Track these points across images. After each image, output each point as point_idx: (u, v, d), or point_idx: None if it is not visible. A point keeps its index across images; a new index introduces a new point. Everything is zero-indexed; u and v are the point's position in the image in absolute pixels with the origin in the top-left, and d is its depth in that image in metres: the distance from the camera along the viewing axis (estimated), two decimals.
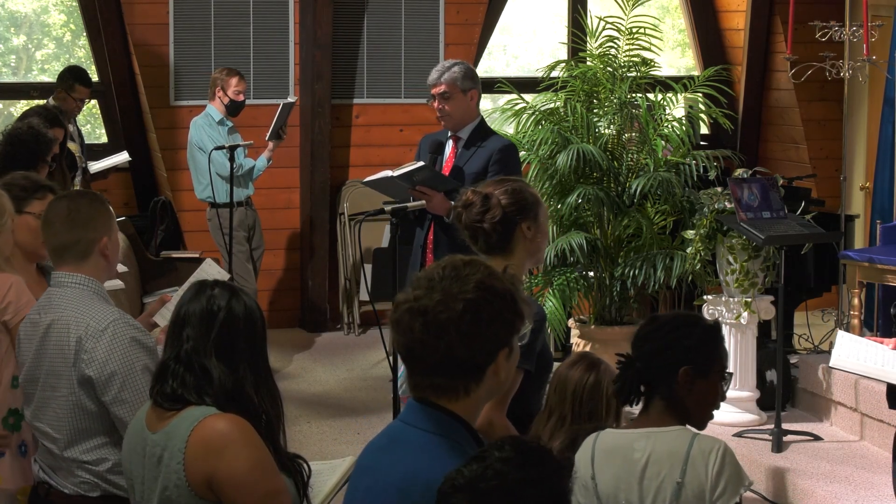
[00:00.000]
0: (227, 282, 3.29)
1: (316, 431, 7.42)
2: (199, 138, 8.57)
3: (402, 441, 2.51)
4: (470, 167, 6.13)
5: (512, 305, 2.55)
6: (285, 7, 9.59)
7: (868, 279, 7.24)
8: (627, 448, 3.36)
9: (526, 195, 3.94)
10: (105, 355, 3.62)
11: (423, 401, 2.53)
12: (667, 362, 3.35)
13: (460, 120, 6.22)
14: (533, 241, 3.94)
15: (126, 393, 3.61)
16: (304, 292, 9.76)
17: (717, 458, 3.31)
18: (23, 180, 4.60)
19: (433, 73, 6.27)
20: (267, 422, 3.17)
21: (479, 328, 2.49)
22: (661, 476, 3.31)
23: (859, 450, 6.71)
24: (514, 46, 11.56)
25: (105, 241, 3.82)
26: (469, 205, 3.93)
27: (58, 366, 3.71)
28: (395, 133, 9.88)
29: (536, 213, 3.94)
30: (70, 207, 3.84)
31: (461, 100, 6.19)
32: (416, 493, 2.39)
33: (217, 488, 3.07)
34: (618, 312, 7.37)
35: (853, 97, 8.80)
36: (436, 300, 2.50)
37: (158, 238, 9.47)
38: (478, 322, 2.49)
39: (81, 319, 3.67)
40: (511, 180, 4.02)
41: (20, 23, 10.50)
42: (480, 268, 2.57)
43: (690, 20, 10.90)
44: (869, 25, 7.56)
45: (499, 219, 3.88)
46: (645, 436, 3.37)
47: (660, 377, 3.37)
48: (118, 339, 3.63)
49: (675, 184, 7.19)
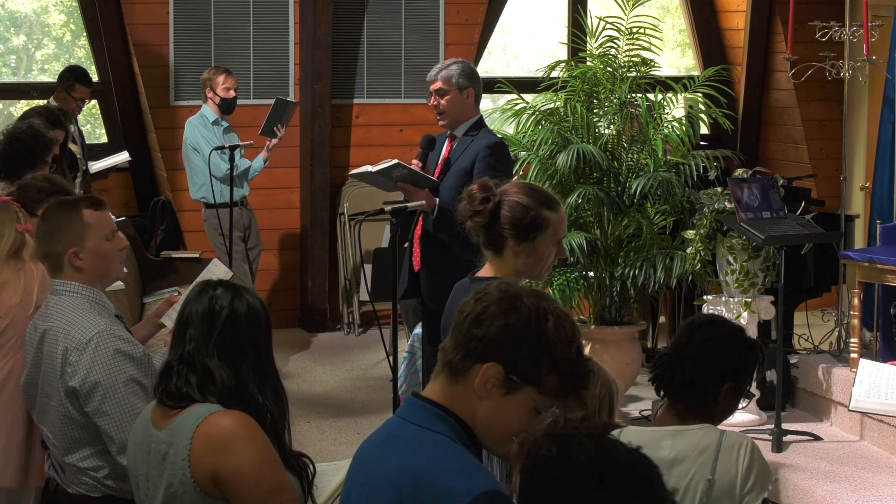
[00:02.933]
0: (231, 281, 3.28)
1: (316, 431, 7.43)
2: (194, 139, 8.58)
3: (396, 436, 2.49)
4: (459, 163, 6.11)
5: (539, 351, 2.41)
6: (285, 7, 9.59)
7: (868, 279, 7.24)
8: (654, 446, 3.34)
9: (527, 217, 3.79)
10: (87, 367, 3.63)
11: (418, 396, 2.50)
12: (717, 375, 3.36)
13: (456, 118, 6.19)
14: (524, 262, 3.83)
15: (107, 405, 3.62)
16: (304, 292, 9.76)
17: (747, 453, 3.33)
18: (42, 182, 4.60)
19: (431, 71, 6.27)
20: (272, 421, 3.17)
21: (492, 321, 2.42)
22: (690, 473, 3.32)
23: (859, 450, 6.72)
24: (514, 46, 11.56)
25: (72, 252, 3.78)
26: (470, 197, 3.87)
27: (49, 375, 3.74)
28: (395, 133, 9.88)
29: (533, 237, 3.80)
30: (43, 219, 3.86)
31: (457, 97, 6.16)
32: (408, 488, 2.36)
33: (222, 484, 3.07)
34: (618, 312, 7.37)
35: (853, 97, 8.80)
36: (511, 289, 2.46)
37: (158, 238, 9.47)
38: (496, 316, 2.42)
39: (68, 331, 3.69)
40: (534, 194, 3.85)
41: (20, 23, 10.50)
42: (565, 311, 2.48)
43: (690, 20, 10.90)
44: (869, 25, 7.56)
45: (483, 224, 3.82)
46: (672, 434, 3.36)
47: (703, 385, 3.36)
48: (101, 351, 3.63)
49: (675, 184, 7.19)
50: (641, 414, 7.45)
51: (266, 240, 9.35)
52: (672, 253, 7.15)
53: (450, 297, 4.03)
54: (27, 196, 4.44)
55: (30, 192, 4.49)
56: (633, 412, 7.53)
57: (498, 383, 2.41)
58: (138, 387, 3.64)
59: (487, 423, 2.45)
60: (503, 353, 2.41)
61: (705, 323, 3.43)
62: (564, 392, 2.44)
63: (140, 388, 3.64)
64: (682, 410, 3.40)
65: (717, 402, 3.38)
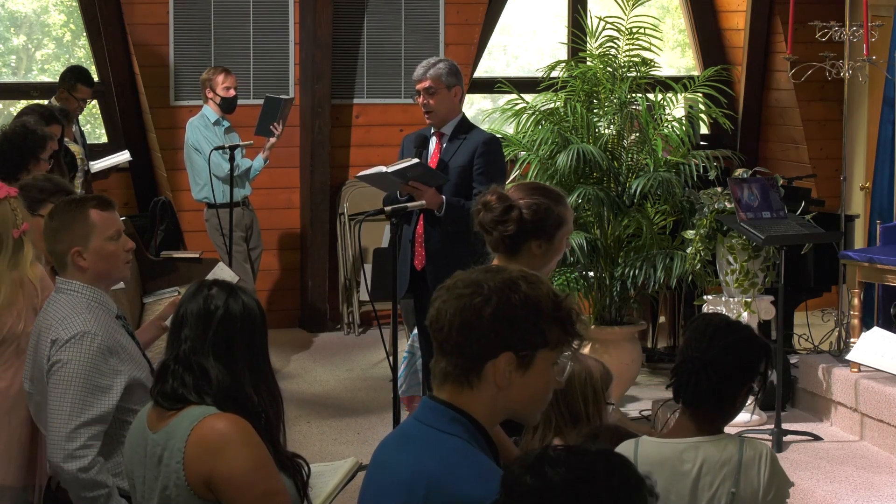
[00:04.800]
0: (226, 281, 3.28)
1: (316, 431, 7.42)
2: (195, 139, 8.58)
3: (412, 438, 2.51)
4: (455, 161, 6.22)
5: (533, 315, 2.46)
6: (285, 7, 9.59)
7: (868, 279, 7.24)
8: (676, 459, 3.33)
9: (550, 217, 3.88)
10: (65, 363, 3.66)
11: (434, 398, 2.51)
12: (741, 380, 3.35)
13: (445, 116, 6.30)
14: (542, 258, 3.90)
15: (53, 416, 3.65)
16: (304, 292, 9.76)
17: (767, 463, 3.33)
18: (43, 182, 4.61)
19: (418, 70, 6.34)
20: (266, 421, 3.17)
21: (479, 318, 2.44)
22: (714, 486, 3.31)
23: (859, 450, 6.71)
24: (514, 46, 11.56)
25: (75, 251, 3.81)
26: (489, 207, 3.89)
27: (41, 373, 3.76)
28: (395, 133, 9.87)
29: (553, 234, 3.89)
30: (50, 217, 3.89)
31: (445, 95, 6.28)
32: (421, 491, 2.40)
33: (215, 488, 3.07)
34: (618, 312, 7.37)
35: (853, 97, 8.79)
36: (466, 281, 2.48)
37: (158, 238, 9.47)
38: (479, 311, 2.44)
39: (57, 328, 3.71)
40: (545, 193, 3.93)
41: (20, 23, 10.50)
42: (525, 272, 2.50)
43: (690, 20, 10.90)
44: (869, 25, 7.56)
45: (511, 233, 3.87)
46: (693, 446, 3.34)
47: (728, 390, 3.35)
48: (82, 351, 3.66)
49: (675, 184, 7.19)
50: (641, 414, 7.45)
51: (266, 240, 9.35)
52: (672, 253, 7.15)
53: None
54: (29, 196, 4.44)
55: (31, 192, 4.49)
56: (633, 412, 7.53)
57: (514, 367, 2.46)
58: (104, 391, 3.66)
59: (523, 403, 2.51)
60: (505, 340, 2.45)
61: (722, 327, 3.40)
62: (569, 333, 2.51)
63: (101, 392, 3.65)
64: (702, 416, 3.38)
65: (737, 404, 3.39)
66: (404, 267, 6.29)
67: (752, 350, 3.39)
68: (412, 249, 6.30)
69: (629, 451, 3.36)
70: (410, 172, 6.02)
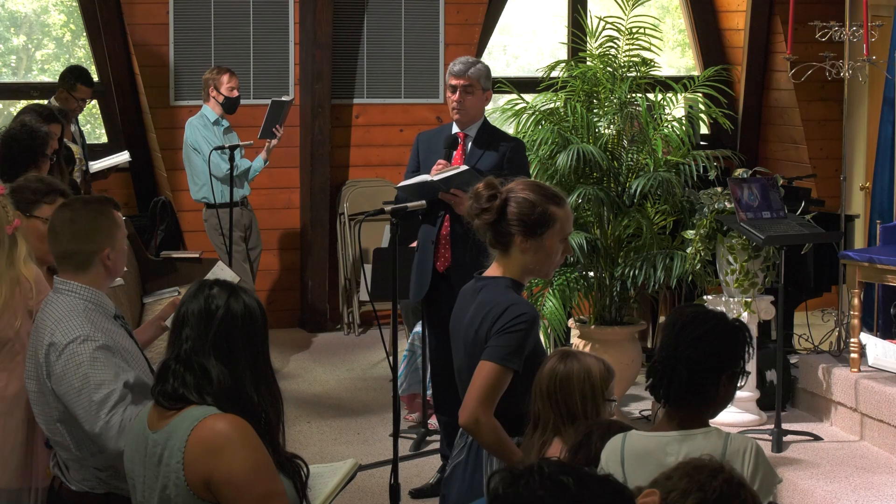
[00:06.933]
0: (227, 281, 3.28)
1: (316, 431, 7.42)
2: (194, 139, 8.58)
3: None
4: (483, 165, 6.16)
5: None
6: (285, 7, 9.60)
7: (868, 279, 7.24)
8: (660, 452, 3.32)
9: (535, 212, 3.81)
10: (61, 371, 3.66)
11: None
12: (714, 370, 3.33)
13: (473, 117, 6.33)
14: (532, 257, 3.84)
15: (78, 410, 3.64)
16: (304, 292, 9.76)
17: (752, 457, 3.31)
18: (35, 183, 4.58)
19: (458, 65, 6.31)
20: (266, 421, 3.17)
21: None
22: None
23: (859, 450, 6.71)
24: (514, 46, 11.56)
25: (107, 251, 3.83)
26: (477, 196, 3.86)
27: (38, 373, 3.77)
28: (395, 133, 9.88)
29: (539, 232, 3.81)
30: (73, 217, 3.85)
31: (480, 97, 6.35)
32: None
33: (214, 488, 3.07)
34: (618, 312, 7.37)
35: (853, 97, 8.80)
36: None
37: (158, 238, 9.47)
38: None
39: (54, 331, 3.71)
40: (541, 191, 3.87)
41: (20, 23, 10.50)
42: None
43: (690, 20, 10.90)
44: (869, 25, 7.56)
45: (491, 221, 3.82)
46: (677, 440, 3.33)
47: (702, 383, 3.34)
48: (77, 356, 3.65)
49: (675, 184, 7.19)
50: (641, 414, 7.45)
51: (266, 240, 9.35)
52: (672, 253, 7.15)
53: (457, 300, 4.01)
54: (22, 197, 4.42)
55: (24, 193, 4.47)
56: (633, 412, 7.53)
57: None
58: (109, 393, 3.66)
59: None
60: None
61: (688, 321, 3.39)
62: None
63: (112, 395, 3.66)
64: (684, 413, 3.38)
65: (718, 393, 3.37)
66: (424, 268, 6.23)
67: (722, 339, 3.35)
68: (435, 251, 6.25)
69: (617, 444, 3.37)
70: (456, 180, 5.96)
